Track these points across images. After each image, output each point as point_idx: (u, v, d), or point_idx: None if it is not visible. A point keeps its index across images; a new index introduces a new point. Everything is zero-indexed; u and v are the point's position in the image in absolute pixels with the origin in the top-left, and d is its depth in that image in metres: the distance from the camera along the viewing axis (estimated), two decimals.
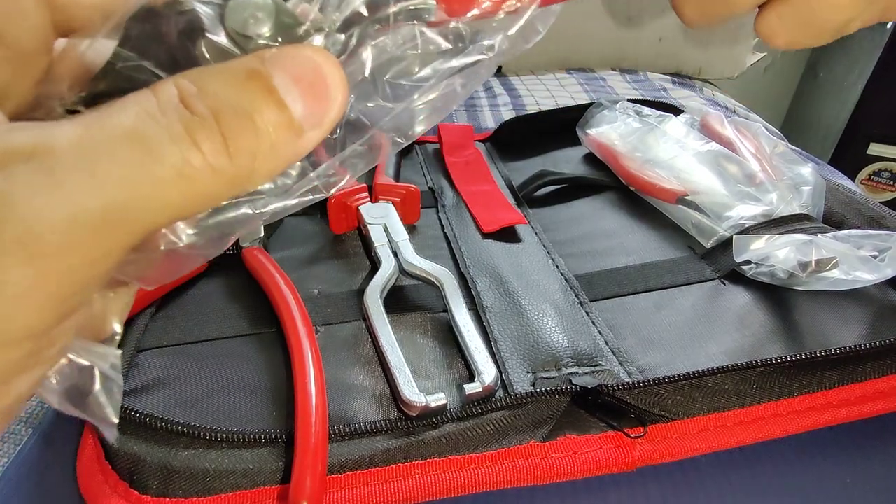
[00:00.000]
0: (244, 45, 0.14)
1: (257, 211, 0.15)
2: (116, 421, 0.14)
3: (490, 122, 0.76)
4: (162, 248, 0.14)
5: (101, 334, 0.16)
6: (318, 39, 0.14)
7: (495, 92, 0.89)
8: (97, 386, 0.14)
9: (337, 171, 0.15)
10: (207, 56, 0.14)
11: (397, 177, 0.51)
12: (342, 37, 0.14)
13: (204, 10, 0.13)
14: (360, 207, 0.41)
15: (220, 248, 0.15)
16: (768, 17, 0.19)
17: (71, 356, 0.14)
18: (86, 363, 0.14)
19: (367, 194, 0.43)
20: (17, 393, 0.12)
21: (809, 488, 0.27)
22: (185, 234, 0.14)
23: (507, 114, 0.79)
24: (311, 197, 0.15)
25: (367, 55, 0.14)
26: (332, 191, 0.16)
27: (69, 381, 0.14)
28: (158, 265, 0.15)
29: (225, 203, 0.14)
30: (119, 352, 0.15)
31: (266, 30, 0.13)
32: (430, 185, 0.50)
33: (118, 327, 0.16)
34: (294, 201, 0.15)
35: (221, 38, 0.13)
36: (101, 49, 0.14)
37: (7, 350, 0.11)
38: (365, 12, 0.14)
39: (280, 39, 0.14)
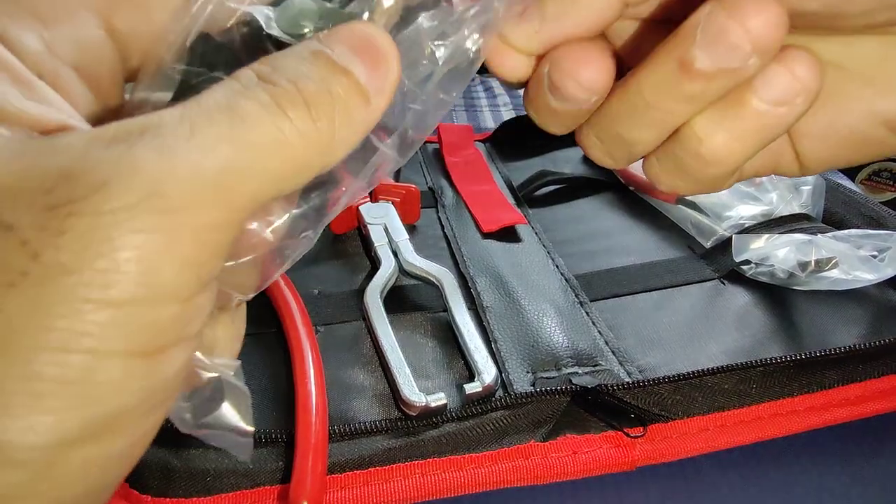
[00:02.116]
0: (299, 41, 0.14)
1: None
2: (252, 429, 0.15)
3: (490, 122, 0.76)
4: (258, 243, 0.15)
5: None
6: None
7: (495, 92, 0.89)
8: (226, 396, 0.15)
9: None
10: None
11: (397, 177, 0.51)
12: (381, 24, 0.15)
13: (259, 16, 0.14)
14: (360, 207, 0.41)
15: (307, 245, 0.16)
16: (650, 159, 0.18)
17: (197, 367, 0.14)
18: (212, 374, 0.15)
19: (366, 194, 0.43)
20: (173, 368, 0.13)
21: (809, 488, 0.27)
22: (275, 229, 0.15)
23: (507, 114, 0.79)
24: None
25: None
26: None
27: (198, 398, 0.15)
28: (254, 271, 0.15)
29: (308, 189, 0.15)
30: (239, 362, 0.15)
31: (312, 25, 0.14)
32: (430, 185, 0.50)
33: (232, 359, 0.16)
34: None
35: (281, 37, 0.14)
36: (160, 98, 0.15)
37: (157, 307, 0.12)
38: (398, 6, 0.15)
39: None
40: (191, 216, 0.12)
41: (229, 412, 0.15)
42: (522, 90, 0.18)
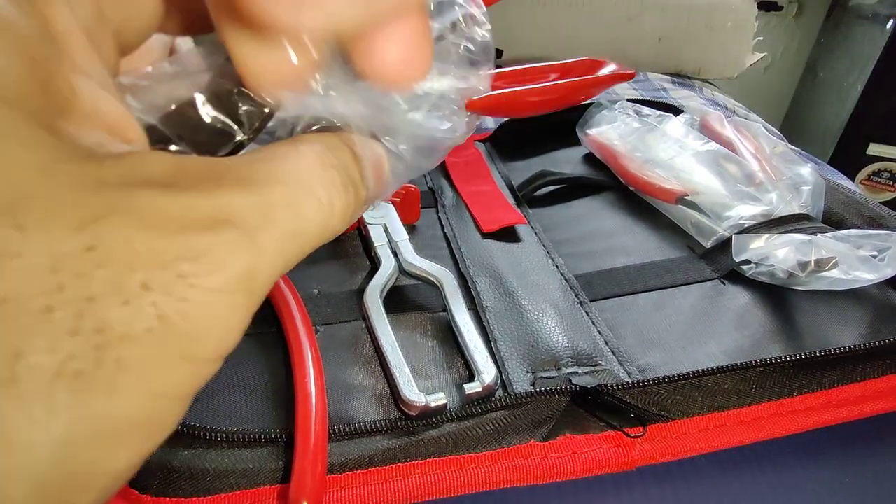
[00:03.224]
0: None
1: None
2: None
3: (490, 122, 0.76)
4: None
5: None
6: None
7: None
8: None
9: None
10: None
11: None
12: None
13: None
14: None
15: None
16: None
17: None
18: None
19: None
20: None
21: (809, 488, 0.27)
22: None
23: None
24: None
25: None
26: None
27: None
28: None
29: None
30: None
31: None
32: (429, 185, 0.50)
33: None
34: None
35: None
36: None
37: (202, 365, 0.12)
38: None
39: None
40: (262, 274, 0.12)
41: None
42: None
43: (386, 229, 0.39)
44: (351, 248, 0.41)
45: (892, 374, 0.29)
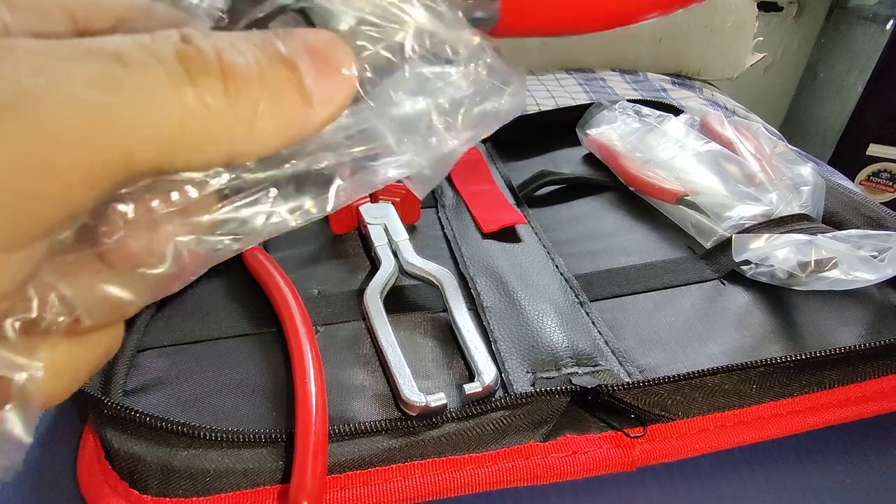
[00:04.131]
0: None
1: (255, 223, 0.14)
2: (28, 442, 0.12)
3: None
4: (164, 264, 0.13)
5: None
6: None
7: None
8: (12, 400, 0.12)
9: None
10: None
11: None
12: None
13: None
14: (360, 207, 0.41)
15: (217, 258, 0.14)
16: None
17: None
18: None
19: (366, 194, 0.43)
20: None
21: (809, 488, 0.27)
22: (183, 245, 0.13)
23: None
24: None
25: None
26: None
27: None
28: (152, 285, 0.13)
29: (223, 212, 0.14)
30: (41, 364, 0.12)
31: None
32: None
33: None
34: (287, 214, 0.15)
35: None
36: None
37: None
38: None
39: None
40: (41, 144, 0.10)
41: (8, 419, 0.12)
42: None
43: (386, 229, 0.39)
44: (351, 248, 0.41)
45: (892, 374, 0.29)
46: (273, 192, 0.14)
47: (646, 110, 0.55)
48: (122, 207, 0.12)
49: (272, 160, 0.14)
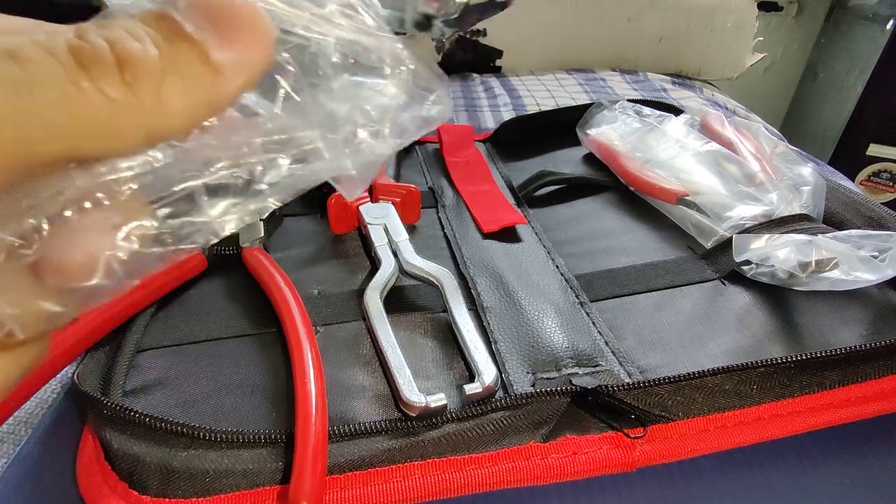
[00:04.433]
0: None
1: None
2: None
3: (490, 122, 0.76)
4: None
5: None
6: None
7: (495, 92, 0.89)
8: None
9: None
10: None
11: (397, 177, 0.51)
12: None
13: None
14: (360, 207, 0.41)
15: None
16: None
17: None
18: None
19: (367, 194, 0.43)
20: None
21: (809, 489, 0.27)
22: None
23: (507, 114, 0.79)
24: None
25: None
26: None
27: None
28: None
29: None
30: None
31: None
32: (430, 185, 0.50)
33: None
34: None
35: None
36: None
37: None
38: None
39: None
40: None
41: None
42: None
43: (386, 229, 0.39)
44: (351, 248, 0.41)
45: (892, 374, 0.29)
46: (203, 199, 0.14)
47: (646, 110, 0.55)
48: (33, 220, 0.12)
49: (198, 165, 0.14)
